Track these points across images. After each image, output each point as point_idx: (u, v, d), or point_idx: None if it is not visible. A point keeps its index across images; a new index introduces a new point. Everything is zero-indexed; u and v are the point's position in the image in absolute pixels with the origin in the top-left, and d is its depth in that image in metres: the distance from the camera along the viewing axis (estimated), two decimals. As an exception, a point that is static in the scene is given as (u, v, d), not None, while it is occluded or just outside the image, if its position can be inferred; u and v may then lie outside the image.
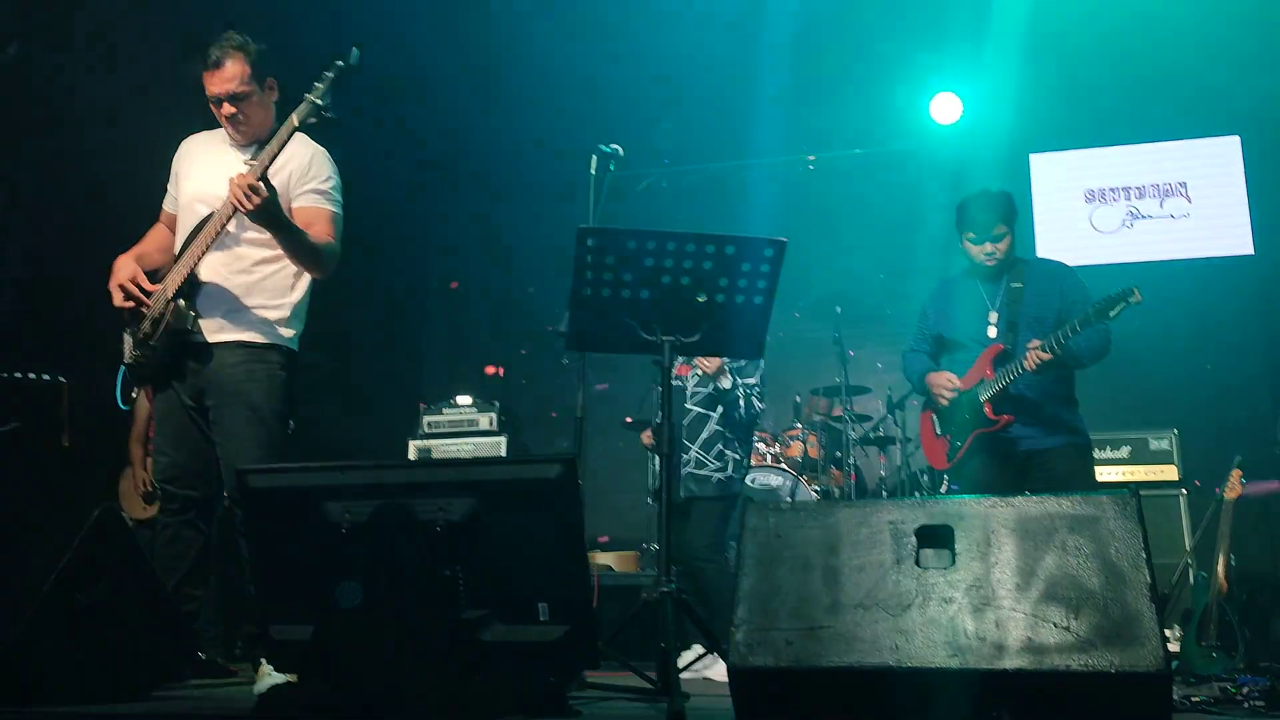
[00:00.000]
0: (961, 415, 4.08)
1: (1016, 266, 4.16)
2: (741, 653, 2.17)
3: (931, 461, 4.36)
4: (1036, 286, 4.08)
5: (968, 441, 4.06)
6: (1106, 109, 7.47)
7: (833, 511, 2.31)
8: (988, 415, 3.98)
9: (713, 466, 4.76)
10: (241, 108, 3.42)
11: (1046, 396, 4.00)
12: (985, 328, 4.12)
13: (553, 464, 2.40)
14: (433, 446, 6.59)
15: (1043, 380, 3.94)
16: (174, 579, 3.33)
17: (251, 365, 3.37)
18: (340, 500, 2.48)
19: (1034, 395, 3.97)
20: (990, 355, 4.04)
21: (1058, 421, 3.99)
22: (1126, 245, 7.55)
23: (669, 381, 3.21)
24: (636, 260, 3.09)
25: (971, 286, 4.23)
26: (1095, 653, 1.98)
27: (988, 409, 3.98)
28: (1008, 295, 4.09)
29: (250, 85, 3.42)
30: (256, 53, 3.44)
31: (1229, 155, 7.41)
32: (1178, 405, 6.76)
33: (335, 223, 3.49)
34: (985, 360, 4.05)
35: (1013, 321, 4.04)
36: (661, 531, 3.20)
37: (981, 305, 4.16)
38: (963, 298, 4.24)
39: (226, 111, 3.43)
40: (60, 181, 5.47)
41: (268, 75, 3.48)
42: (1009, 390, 3.95)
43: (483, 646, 2.40)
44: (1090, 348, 3.91)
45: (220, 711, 2.76)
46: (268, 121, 3.50)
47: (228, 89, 3.39)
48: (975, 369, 4.08)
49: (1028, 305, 4.04)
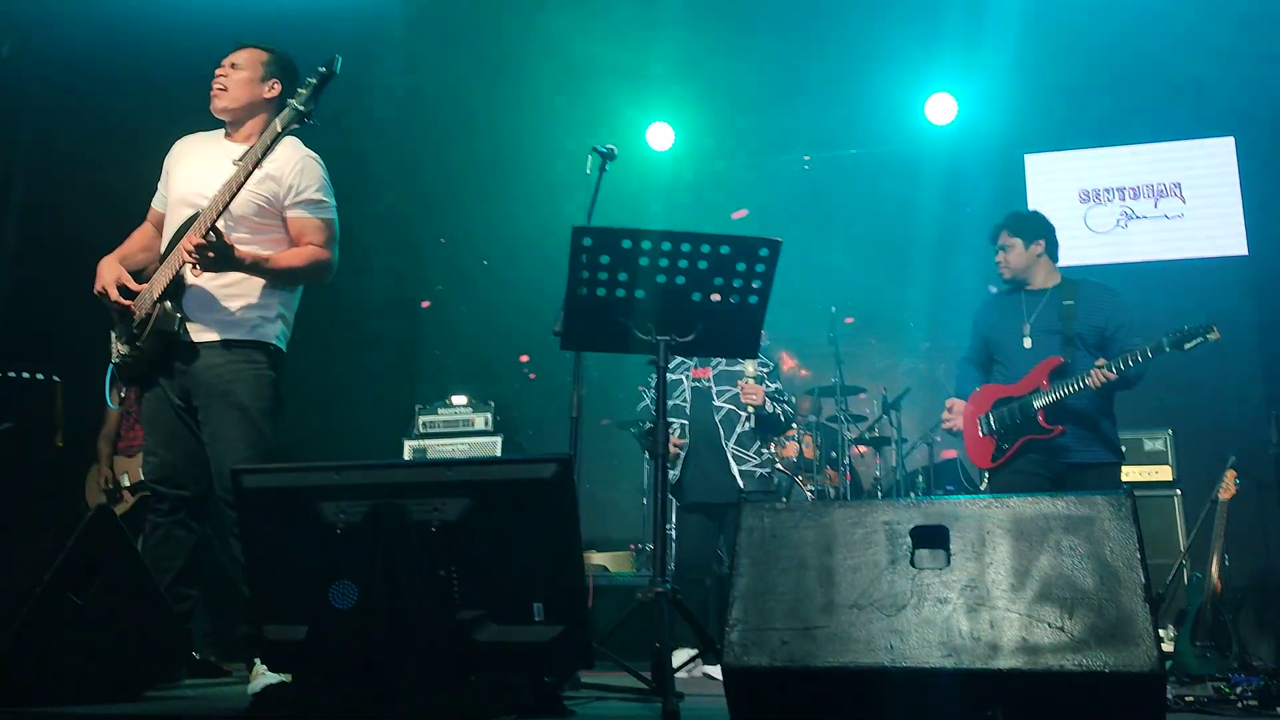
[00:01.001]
0: (1013, 420, 4.21)
1: (1067, 285, 4.34)
2: (736, 652, 2.17)
3: (974, 459, 4.47)
4: (1086, 306, 4.24)
5: (1016, 445, 4.19)
6: (1101, 109, 7.48)
7: (828, 511, 2.31)
8: (1041, 424, 4.11)
9: (754, 462, 4.91)
10: (231, 76, 3.51)
11: (1097, 412, 4.17)
12: (1021, 339, 4.28)
13: (548, 464, 2.40)
14: (428, 446, 6.59)
15: (1094, 397, 4.10)
16: (167, 579, 3.32)
17: (238, 365, 3.38)
18: (335, 500, 2.48)
19: (1088, 410, 4.14)
20: (1048, 367, 4.16)
21: (1104, 439, 4.16)
22: (1121, 246, 7.56)
23: (664, 381, 3.21)
24: (631, 260, 3.09)
25: (1013, 300, 4.42)
26: (1089, 653, 1.99)
27: (1041, 417, 4.11)
28: (1060, 312, 4.25)
29: (253, 66, 3.52)
30: (280, 56, 3.57)
31: (1223, 156, 7.43)
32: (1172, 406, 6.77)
33: (328, 230, 3.51)
34: (1042, 371, 4.17)
35: (1069, 338, 4.20)
36: (657, 531, 3.20)
37: (1018, 317, 4.34)
38: (1004, 310, 4.45)
39: (218, 74, 3.52)
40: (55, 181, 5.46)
41: (275, 76, 3.54)
42: (1066, 402, 4.08)
43: (477, 646, 2.40)
44: (1138, 372, 4.05)
45: (214, 711, 2.76)
46: (256, 116, 3.52)
47: (233, 59, 3.53)
48: (1030, 378, 4.20)
49: (1079, 322, 4.20)
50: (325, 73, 3.23)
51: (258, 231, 3.44)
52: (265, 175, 3.37)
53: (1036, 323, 4.28)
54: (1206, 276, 7.25)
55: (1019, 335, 4.29)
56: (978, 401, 4.39)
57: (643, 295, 3.14)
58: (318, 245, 3.47)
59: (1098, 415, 4.15)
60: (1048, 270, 4.40)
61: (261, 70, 3.52)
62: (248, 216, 3.41)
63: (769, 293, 3.17)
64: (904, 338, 7.92)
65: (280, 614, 2.57)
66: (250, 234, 3.42)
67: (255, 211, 3.42)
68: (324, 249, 3.49)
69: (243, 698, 2.92)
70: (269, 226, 3.46)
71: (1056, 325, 4.23)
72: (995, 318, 4.48)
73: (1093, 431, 4.13)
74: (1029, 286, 4.38)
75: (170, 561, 3.38)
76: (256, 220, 3.43)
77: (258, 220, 3.43)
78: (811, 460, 6.34)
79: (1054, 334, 4.23)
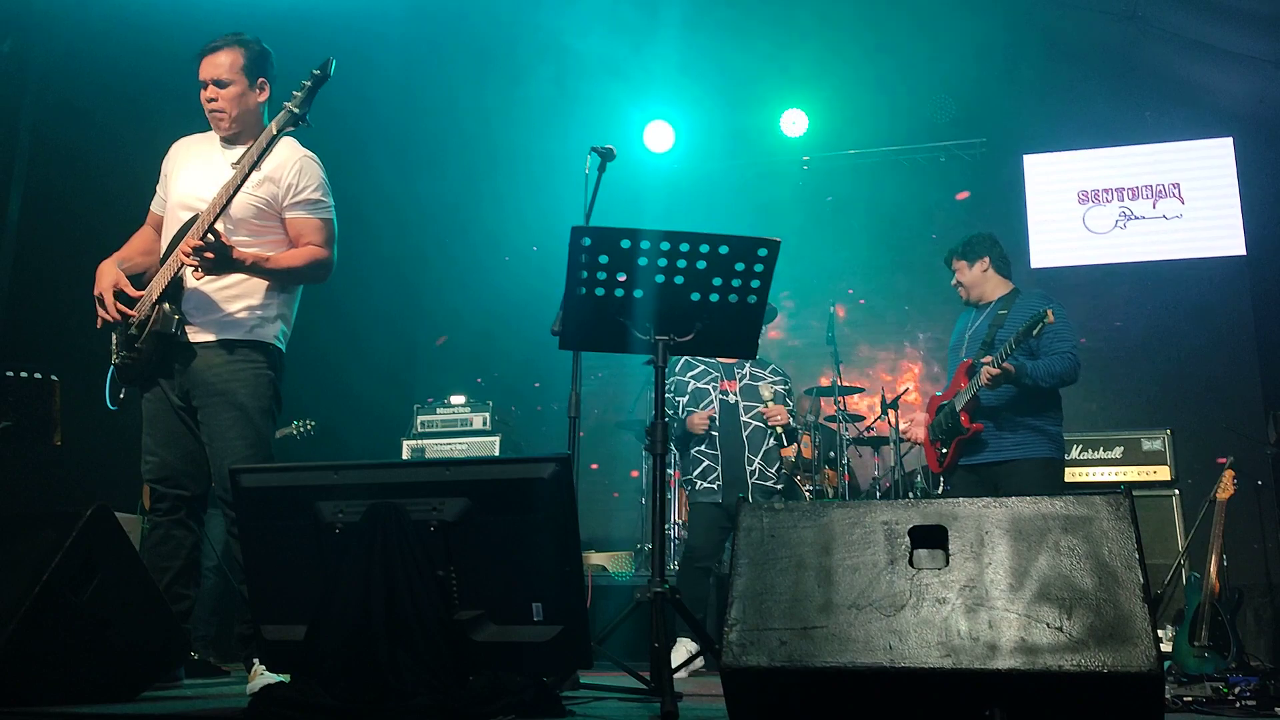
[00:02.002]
0: (946, 424, 4.49)
1: (1008, 296, 4.56)
2: (735, 652, 2.16)
3: (930, 465, 4.78)
4: (1017, 313, 4.42)
5: (951, 448, 4.47)
6: (1100, 110, 7.49)
7: (826, 512, 2.31)
8: (963, 423, 4.38)
9: (774, 480, 5.11)
10: (223, 96, 3.44)
11: (1018, 409, 4.30)
12: (962, 347, 4.60)
13: (546, 463, 2.40)
14: (426, 446, 6.59)
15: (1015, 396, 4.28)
16: (166, 578, 3.33)
17: (237, 365, 3.38)
18: (333, 500, 2.48)
19: (1005, 407, 4.32)
20: (963, 369, 4.47)
21: (1028, 435, 4.30)
22: (1119, 246, 7.57)
23: (663, 381, 3.21)
24: (630, 259, 3.09)
25: (965, 317, 4.75)
26: (1088, 653, 1.99)
27: (964, 418, 4.37)
28: (994, 320, 4.47)
29: (238, 76, 3.44)
30: (256, 51, 3.48)
31: (1222, 156, 7.44)
32: (1170, 406, 6.78)
33: (326, 230, 3.51)
34: (960, 373, 4.48)
35: (989, 341, 4.41)
36: (656, 531, 3.20)
37: (962, 332, 4.66)
38: (958, 328, 4.77)
39: (208, 95, 3.46)
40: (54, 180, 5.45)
41: (260, 75, 3.49)
42: (981, 401, 4.33)
43: (476, 647, 2.40)
44: (1049, 371, 4.23)
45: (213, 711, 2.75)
46: (252, 120, 3.51)
47: (213, 74, 3.43)
48: (954, 382, 4.52)
49: (1004, 329, 4.41)
50: (320, 75, 3.24)
51: (258, 234, 3.44)
52: (264, 177, 3.37)
53: (973, 334, 4.55)
54: (1205, 276, 7.27)
55: (960, 346, 4.60)
56: (929, 411, 4.72)
57: (641, 295, 3.14)
58: (317, 245, 3.47)
59: (1017, 414, 4.30)
60: (997, 283, 4.63)
61: (246, 77, 3.46)
62: (247, 219, 3.41)
63: (768, 292, 3.18)
64: (903, 338, 7.92)
65: (278, 614, 2.56)
66: (250, 236, 3.42)
67: (255, 214, 3.42)
68: (323, 249, 3.49)
69: (241, 698, 2.92)
70: (269, 228, 3.46)
71: (984, 332, 4.47)
72: (954, 333, 4.79)
73: (1013, 427, 4.29)
74: (981, 302, 4.64)
75: (169, 561, 3.39)
76: (256, 223, 3.43)
77: (258, 223, 3.43)
78: (810, 460, 6.34)
79: (981, 341, 4.45)
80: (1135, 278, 7.43)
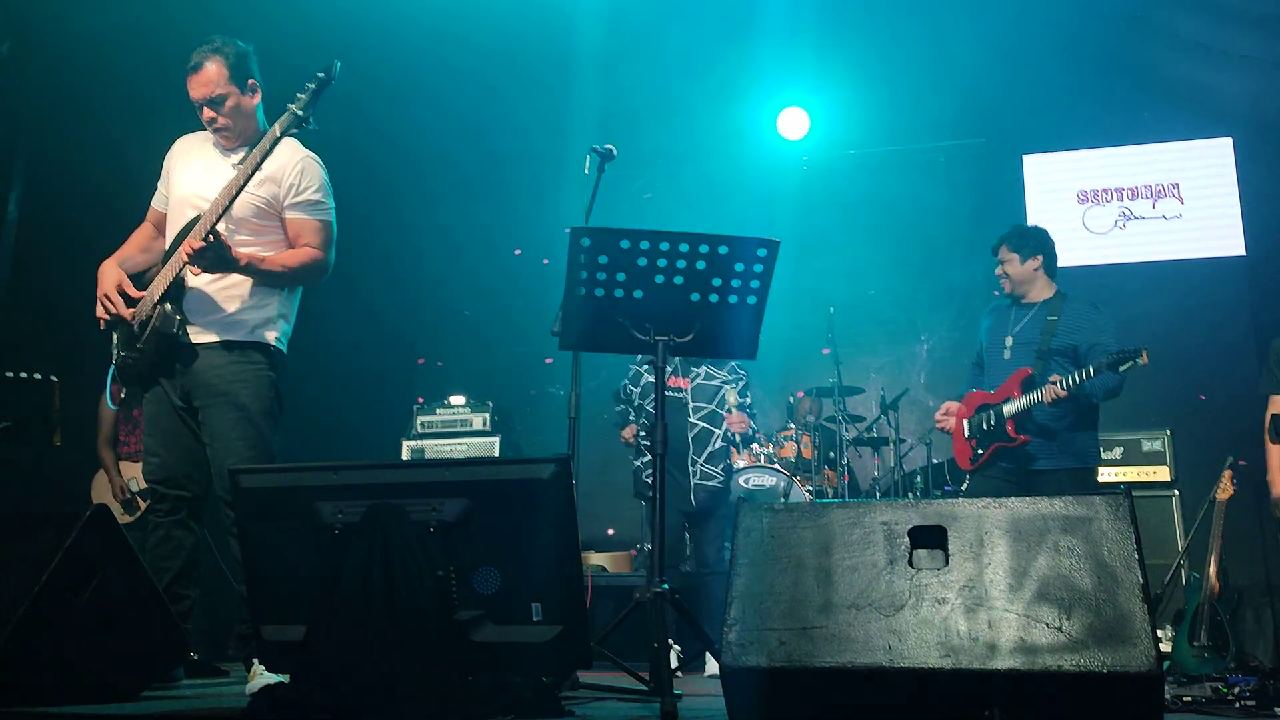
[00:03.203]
0: (988, 426, 4.43)
1: (1055, 300, 4.49)
2: (734, 653, 2.17)
3: (958, 460, 4.69)
4: (1068, 322, 4.40)
5: (989, 450, 4.41)
6: (1100, 110, 7.49)
7: (826, 512, 2.31)
8: (1009, 432, 4.33)
9: (718, 480, 5.02)
10: (220, 111, 3.43)
11: (1065, 424, 4.32)
12: (1002, 350, 4.51)
13: (546, 464, 2.40)
14: (426, 446, 6.59)
15: (1062, 410, 4.27)
16: (165, 579, 3.33)
17: (238, 366, 3.38)
18: (333, 500, 2.48)
19: (1053, 422, 4.31)
20: (1019, 378, 4.37)
21: (1071, 447, 4.32)
22: (1119, 246, 7.57)
23: (662, 381, 3.21)
24: (630, 260, 3.09)
25: (1006, 311, 4.62)
26: (1087, 653, 1.99)
27: (1010, 426, 4.32)
28: (1043, 326, 4.42)
29: (229, 88, 3.42)
30: (236, 55, 3.45)
31: (1221, 156, 7.44)
32: (1170, 406, 6.78)
33: (325, 232, 3.51)
34: (1015, 381, 4.38)
35: (1043, 351, 4.37)
36: (655, 531, 3.19)
37: (1005, 328, 4.55)
38: (995, 321, 4.66)
39: (207, 116, 3.45)
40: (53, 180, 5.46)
41: (248, 77, 3.48)
42: (1032, 413, 4.29)
43: (475, 647, 2.40)
44: (1105, 388, 4.24)
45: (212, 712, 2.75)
46: (253, 124, 3.51)
47: (206, 93, 3.41)
48: (1005, 387, 4.42)
49: (1058, 339, 4.36)
50: (324, 78, 3.24)
51: (258, 233, 3.45)
52: (265, 177, 3.37)
53: (1019, 335, 4.47)
54: (1204, 277, 7.26)
55: (1002, 346, 4.52)
56: (966, 405, 4.60)
57: (641, 295, 3.14)
58: (314, 246, 3.48)
59: (1064, 427, 4.32)
60: (1044, 284, 4.56)
61: (236, 84, 3.43)
62: (248, 218, 3.41)
63: (767, 293, 3.18)
64: (902, 338, 7.92)
65: (278, 614, 2.56)
66: (251, 235, 3.43)
67: (255, 213, 3.42)
68: (320, 250, 3.49)
69: (240, 698, 2.92)
70: (269, 228, 3.47)
71: (1036, 339, 4.41)
72: (989, 326, 4.69)
73: (1057, 441, 4.31)
74: (1024, 300, 4.56)
75: (169, 562, 3.39)
76: (257, 222, 3.43)
77: (258, 222, 3.44)
78: (809, 460, 6.34)
79: (1032, 347, 4.41)
80: (1135, 278, 7.42)
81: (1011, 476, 4.37)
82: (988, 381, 4.56)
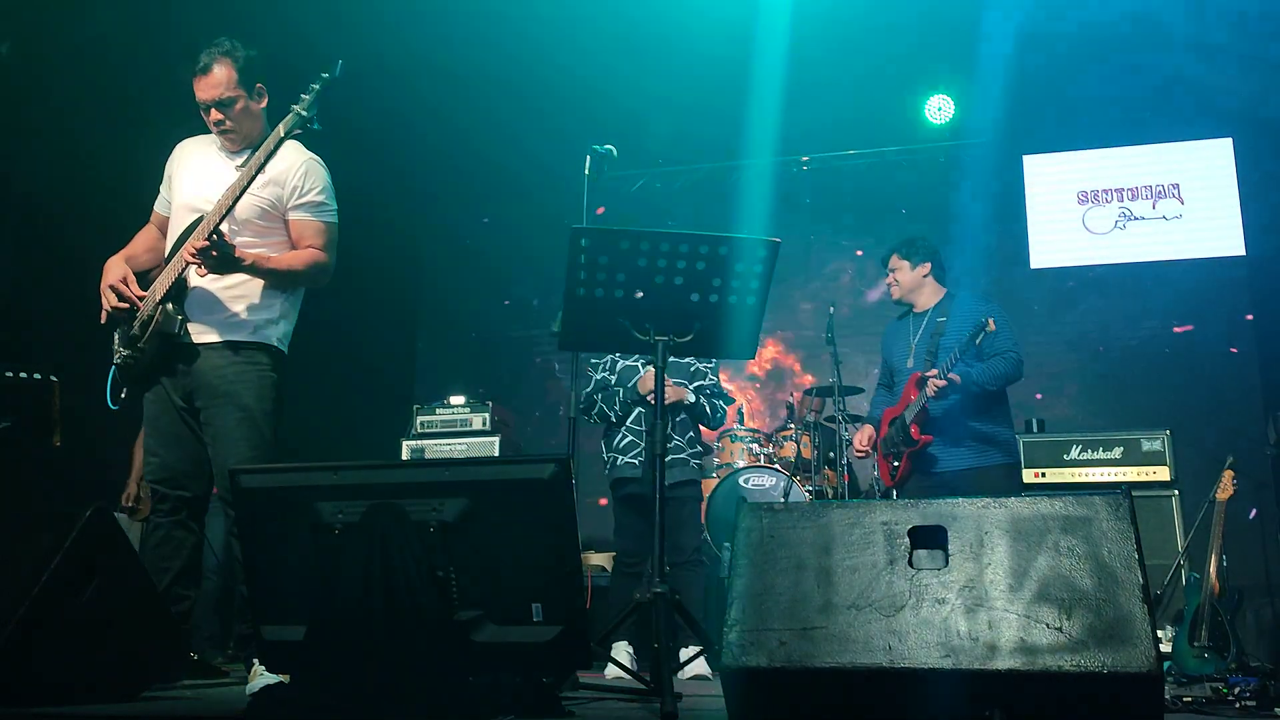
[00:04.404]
0: (897, 437, 4.50)
1: (944, 302, 4.59)
2: (735, 653, 2.17)
3: (883, 479, 4.75)
4: (957, 321, 4.45)
5: (903, 461, 4.47)
6: (1100, 111, 7.49)
7: (826, 512, 2.31)
8: (913, 435, 4.39)
9: (689, 451, 4.64)
10: (228, 114, 3.43)
11: (969, 417, 4.35)
12: (907, 358, 4.58)
13: (546, 464, 2.40)
14: (426, 446, 6.58)
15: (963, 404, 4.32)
16: (166, 579, 3.33)
17: (241, 366, 3.38)
18: (333, 500, 2.48)
19: (955, 417, 4.35)
20: (912, 381, 4.46)
21: (981, 444, 4.35)
22: (1119, 246, 7.57)
23: (662, 381, 3.21)
24: (630, 260, 3.09)
25: (903, 323, 4.74)
26: (1087, 653, 1.99)
27: (913, 429, 4.38)
28: (934, 328, 4.50)
29: (237, 91, 3.42)
30: (245, 58, 3.44)
31: (1221, 157, 7.44)
32: (1170, 406, 6.78)
33: (327, 234, 3.52)
34: (910, 386, 4.47)
35: (933, 350, 4.43)
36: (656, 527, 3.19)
37: (906, 338, 4.63)
38: (898, 333, 4.76)
39: (214, 118, 3.44)
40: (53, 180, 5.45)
41: (256, 81, 3.48)
42: (930, 413, 4.35)
43: (475, 647, 2.40)
44: (994, 374, 4.30)
45: (212, 712, 2.76)
46: (258, 127, 3.51)
47: (214, 95, 3.40)
48: (904, 394, 4.50)
49: (947, 337, 4.43)
50: (328, 78, 3.24)
51: (262, 235, 3.45)
52: (269, 179, 3.38)
53: (919, 345, 4.54)
54: (1205, 277, 7.26)
55: (905, 358, 4.58)
56: (881, 424, 4.67)
57: (641, 295, 3.14)
58: (317, 248, 3.48)
59: (968, 421, 4.34)
60: (932, 290, 4.66)
61: (244, 89, 3.43)
62: (252, 220, 3.42)
63: (767, 293, 3.18)
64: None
65: (278, 614, 2.56)
66: (254, 237, 3.43)
67: (259, 215, 3.42)
68: (323, 252, 3.49)
69: (241, 698, 2.92)
70: (273, 229, 3.47)
71: (929, 342, 4.48)
72: (890, 342, 4.77)
73: (962, 437, 4.34)
74: (915, 309, 4.64)
75: (169, 562, 3.39)
76: (261, 223, 3.44)
77: (262, 223, 3.44)
78: (809, 460, 6.34)
79: (926, 351, 4.47)
80: (1135, 279, 7.42)
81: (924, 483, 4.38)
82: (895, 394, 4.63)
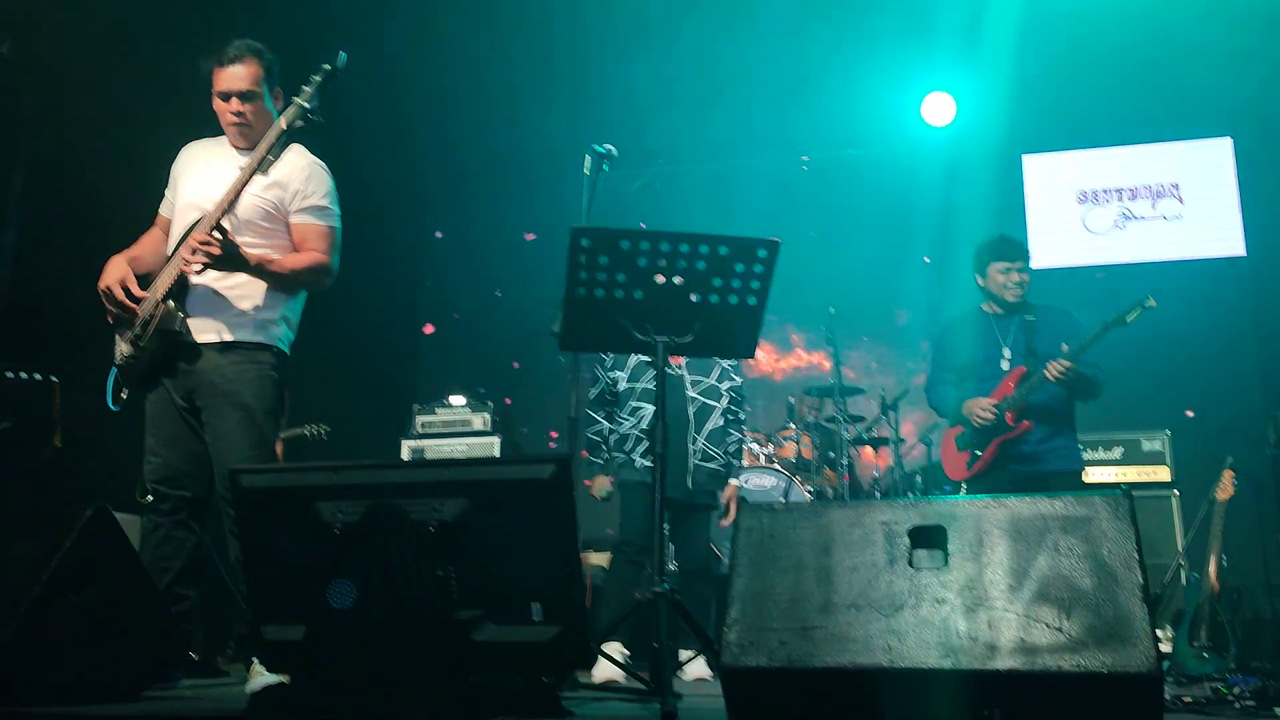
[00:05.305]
0: (985, 428, 4.42)
1: (1023, 305, 4.55)
2: (734, 653, 2.17)
3: (950, 473, 4.70)
4: (1049, 324, 4.46)
5: (989, 449, 4.41)
6: (1099, 110, 7.48)
7: (826, 512, 2.31)
8: (1008, 422, 4.34)
9: (719, 463, 4.63)
10: (248, 109, 3.44)
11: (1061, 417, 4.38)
12: (999, 361, 4.50)
13: (546, 464, 2.40)
14: (426, 446, 6.58)
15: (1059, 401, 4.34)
16: (166, 579, 3.33)
17: (242, 366, 3.38)
18: (333, 500, 2.48)
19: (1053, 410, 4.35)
20: (1015, 376, 4.41)
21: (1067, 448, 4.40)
22: (1119, 246, 7.57)
23: (663, 382, 3.21)
24: (630, 260, 3.09)
25: (984, 322, 4.62)
26: (1087, 653, 1.99)
27: (1009, 417, 4.34)
28: (1023, 328, 4.48)
29: (260, 89, 3.46)
30: (270, 60, 3.50)
31: (1221, 157, 7.43)
32: (1170, 406, 6.78)
33: (330, 238, 3.52)
34: (1010, 380, 4.42)
35: (1032, 349, 4.41)
36: (655, 531, 3.19)
37: (995, 340, 4.55)
38: (978, 333, 4.66)
39: (234, 108, 3.44)
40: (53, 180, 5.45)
41: (276, 85, 3.52)
42: (1028, 401, 4.32)
43: (475, 647, 2.40)
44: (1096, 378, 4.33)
45: (212, 712, 2.76)
46: (267, 126, 3.50)
47: (240, 86, 3.42)
48: (1000, 389, 4.44)
49: (1042, 338, 4.41)
50: (330, 70, 3.24)
51: (265, 236, 3.45)
52: (272, 181, 3.38)
53: (1014, 344, 4.51)
54: (1205, 277, 7.26)
55: (999, 357, 4.52)
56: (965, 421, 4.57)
57: (641, 296, 3.14)
58: (319, 251, 3.48)
59: (1061, 420, 4.37)
60: None
61: (266, 89, 3.47)
62: (255, 221, 3.42)
63: (768, 293, 3.17)
64: (903, 338, 7.92)
65: (278, 614, 2.56)
66: (256, 238, 3.43)
67: (263, 216, 3.42)
68: (325, 255, 3.49)
69: (240, 698, 2.92)
70: (275, 232, 3.47)
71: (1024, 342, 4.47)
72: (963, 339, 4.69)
73: (1056, 439, 4.36)
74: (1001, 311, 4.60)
75: (170, 562, 3.39)
76: (264, 225, 3.44)
77: (265, 225, 3.44)
78: (810, 461, 6.34)
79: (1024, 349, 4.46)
80: (1135, 278, 7.41)
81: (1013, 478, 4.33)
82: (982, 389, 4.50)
